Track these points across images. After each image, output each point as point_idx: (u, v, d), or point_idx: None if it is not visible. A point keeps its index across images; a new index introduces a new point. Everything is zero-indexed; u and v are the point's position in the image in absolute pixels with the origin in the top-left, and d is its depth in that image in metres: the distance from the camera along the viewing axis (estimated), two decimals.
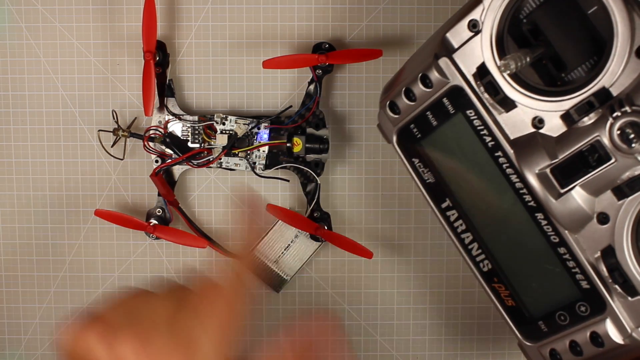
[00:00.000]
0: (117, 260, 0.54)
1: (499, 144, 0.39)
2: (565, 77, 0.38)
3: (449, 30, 0.39)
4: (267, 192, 0.53)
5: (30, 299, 0.54)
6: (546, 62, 0.38)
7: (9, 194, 0.54)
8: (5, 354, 0.55)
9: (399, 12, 0.52)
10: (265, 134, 0.51)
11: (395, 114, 0.43)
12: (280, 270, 0.53)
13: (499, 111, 0.39)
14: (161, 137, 0.51)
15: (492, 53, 0.38)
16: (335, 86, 0.52)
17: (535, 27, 0.38)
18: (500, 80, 0.38)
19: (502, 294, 0.42)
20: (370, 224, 0.53)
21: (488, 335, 0.54)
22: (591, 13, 0.36)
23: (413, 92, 0.41)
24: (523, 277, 0.41)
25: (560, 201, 0.37)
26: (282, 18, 0.52)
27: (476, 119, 0.40)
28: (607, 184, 0.37)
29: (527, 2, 0.38)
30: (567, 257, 0.39)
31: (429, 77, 0.40)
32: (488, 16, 0.38)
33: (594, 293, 0.38)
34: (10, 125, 0.53)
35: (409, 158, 0.43)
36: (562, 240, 0.39)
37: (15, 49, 0.52)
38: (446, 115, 0.41)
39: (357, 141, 0.53)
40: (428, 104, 0.41)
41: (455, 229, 0.43)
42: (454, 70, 0.40)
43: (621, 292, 0.38)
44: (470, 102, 0.40)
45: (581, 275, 0.39)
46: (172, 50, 0.52)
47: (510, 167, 0.39)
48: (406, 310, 0.54)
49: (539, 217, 0.39)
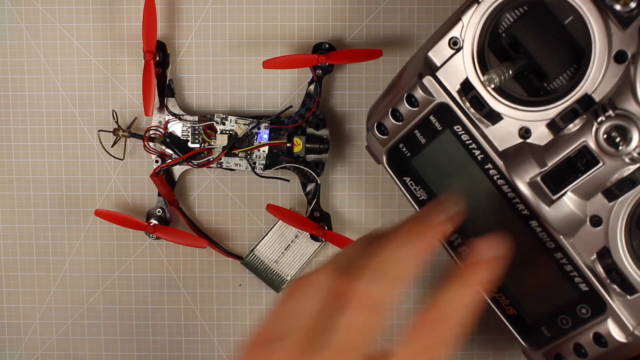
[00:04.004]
0: (117, 260, 0.54)
1: (488, 157, 0.40)
2: (547, 86, 0.38)
3: (431, 49, 0.40)
4: (267, 192, 0.53)
5: (30, 299, 0.54)
6: (528, 73, 0.38)
7: (9, 194, 0.54)
8: (5, 354, 0.55)
9: (399, 12, 0.52)
10: (266, 134, 0.51)
11: (384, 134, 0.43)
12: (280, 270, 0.53)
13: (486, 124, 0.39)
14: (161, 137, 0.51)
15: (474, 69, 0.39)
16: (335, 86, 0.52)
17: (515, 41, 0.38)
18: (485, 94, 0.39)
19: (502, 303, 0.42)
20: (370, 224, 0.53)
21: (488, 336, 0.54)
22: (568, 23, 0.37)
23: (400, 112, 0.42)
24: (522, 285, 0.41)
25: (553, 208, 0.38)
26: (282, 18, 0.52)
27: (464, 134, 0.40)
28: (597, 187, 0.37)
29: (505, 17, 0.39)
30: (564, 262, 0.39)
31: (415, 96, 0.41)
32: (468, 33, 0.39)
33: (594, 295, 0.39)
34: (10, 125, 0.53)
35: (400, 177, 0.44)
36: (558, 246, 0.39)
37: (15, 49, 0.52)
38: (434, 132, 0.41)
39: (357, 141, 0.53)
40: (415, 122, 0.42)
41: (451, 242, 0.43)
42: (438, 88, 0.40)
43: (620, 291, 0.38)
44: (457, 118, 0.40)
45: (579, 278, 0.39)
46: (172, 50, 0.52)
47: (501, 179, 0.40)
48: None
49: (534, 225, 0.40)
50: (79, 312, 0.54)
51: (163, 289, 0.54)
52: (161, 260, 0.54)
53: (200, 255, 0.54)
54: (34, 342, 0.55)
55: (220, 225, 0.54)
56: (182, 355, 0.54)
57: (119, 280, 0.54)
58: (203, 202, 0.53)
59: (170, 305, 0.54)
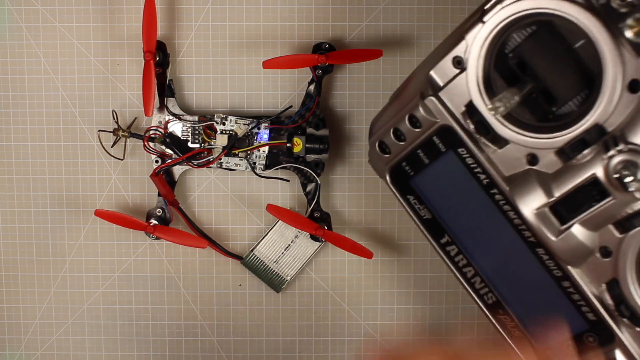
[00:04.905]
0: (117, 260, 0.54)
1: (493, 182, 0.38)
2: (556, 110, 0.36)
3: (434, 68, 0.38)
4: (267, 192, 0.53)
5: (30, 299, 0.54)
6: (536, 95, 0.36)
7: (9, 194, 0.54)
8: (5, 354, 0.55)
9: (399, 12, 0.52)
10: (265, 134, 0.51)
11: (386, 153, 0.42)
12: (280, 270, 0.53)
13: (492, 149, 0.38)
14: (161, 137, 0.51)
15: (479, 91, 0.37)
16: (335, 86, 0.52)
17: (523, 61, 0.36)
18: (490, 119, 0.37)
19: (508, 325, 0.41)
20: (370, 224, 0.53)
21: (488, 336, 0.54)
22: (578, 47, 0.35)
23: (402, 131, 0.40)
24: (528, 310, 0.40)
25: (560, 239, 0.36)
26: (282, 18, 0.52)
27: (468, 157, 0.38)
28: (607, 219, 0.36)
29: (512, 37, 0.36)
30: (572, 291, 0.38)
31: (417, 116, 0.39)
32: (472, 53, 0.37)
33: (601, 324, 0.37)
34: (10, 125, 0.53)
35: (403, 195, 0.42)
36: (565, 275, 0.38)
37: (15, 49, 0.52)
38: (438, 153, 0.39)
39: (357, 141, 0.53)
40: (418, 143, 0.40)
41: (456, 263, 0.42)
42: (441, 109, 0.38)
43: (629, 323, 0.37)
44: (461, 141, 0.38)
45: (587, 307, 0.38)
46: (172, 50, 0.52)
47: (507, 204, 0.38)
48: (406, 310, 0.54)
49: (540, 252, 0.38)
50: (79, 312, 0.54)
51: (163, 289, 0.54)
52: (161, 260, 0.54)
53: (200, 255, 0.54)
54: (34, 342, 0.55)
55: (220, 225, 0.53)
56: (182, 355, 0.54)
57: (119, 280, 0.54)
58: (203, 202, 0.53)
59: (170, 305, 0.54)
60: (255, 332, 0.54)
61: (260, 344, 0.54)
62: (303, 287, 0.54)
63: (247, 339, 0.55)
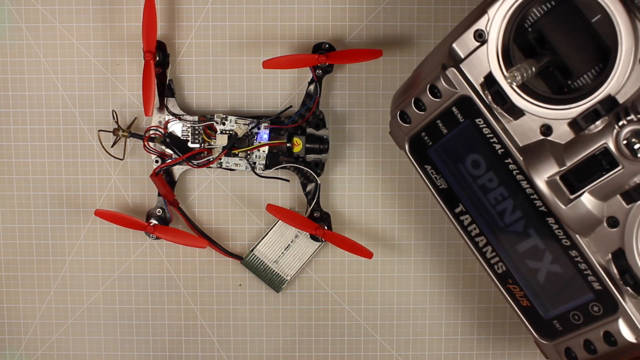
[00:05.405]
0: (117, 260, 0.54)
1: (508, 151, 0.40)
2: (571, 84, 0.38)
3: (455, 41, 0.40)
4: (267, 192, 0.53)
5: (30, 299, 0.54)
6: (553, 69, 0.38)
7: (9, 194, 0.54)
8: (5, 354, 0.55)
9: (399, 12, 0.52)
10: (265, 134, 0.51)
11: (406, 123, 0.43)
12: (280, 270, 0.53)
13: (508, 119, 0.39)
14: (161, 137, 0.51)
15: (498, 63, 0.39)
16: (335, 86, 0.52)
17: (541, 36, 0.38)
18: (508, 89, 0.39)
19: (517, 294, 0.43)
20: (370, 224, 0.53)
21: (488, 336, 0.54)
22: (595, 21, 0.37)
23: (422, 101, 0.42)
24: (537, 279, 0.42)
25: (570, 207, 0.38)
26: (282, 18, 0.52)
27: (485, 127, 0.40)
28: (616, 190, 0.37)
29: (532, 11, 0.38)
30: (579, 260, 0.39)
31: (437, 87, 0.41)
32: (493, 26, 0.39)
33: (606, 294, 0.39)
34: (10, 125, 0.53)
35: (421, 165, 0.44)
36: (573, 244, 0.39)
37: (15, 49, 0.53)
38: (456, 123, 0.41)
39: (357, 141, 0.53)
40: (438, 113, 0.42)
41: (469, 232, 0.43)
42: (461, 80, 0.40)
43: (632, 293, 0.38)
44: (479, 111, 0.40)
45: (593, 277, 0.39)
46: (172, 50, 0.52)
47: (520, 174, 0.40)
48: (406, 310, 0.54)
49: (550, 222, 0.40)
50: (79, 312, 0.54)
51: (163, 289, 0.54)
52: (161, 260, 0.54)
53: (200, 255, 0.54)
54: (34, 342, 0.55)
55: (220, 225, 0.53)
56: (182, 355, 0.54)
57: (119, 280, 0.54)
58: (203, 202, 0.53)
59: (170, 305, 0.54)
60: (255, 332, 0.54)
61: (260, 343, 0.54)
62: (303, 287, 0.54)
63: (247, 339, 0.55)
